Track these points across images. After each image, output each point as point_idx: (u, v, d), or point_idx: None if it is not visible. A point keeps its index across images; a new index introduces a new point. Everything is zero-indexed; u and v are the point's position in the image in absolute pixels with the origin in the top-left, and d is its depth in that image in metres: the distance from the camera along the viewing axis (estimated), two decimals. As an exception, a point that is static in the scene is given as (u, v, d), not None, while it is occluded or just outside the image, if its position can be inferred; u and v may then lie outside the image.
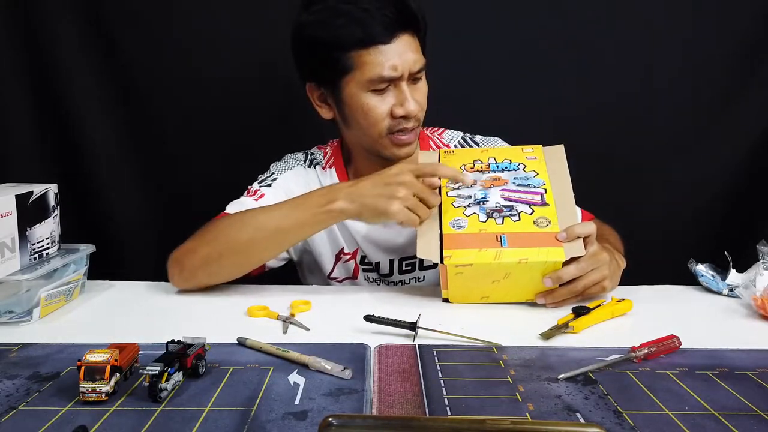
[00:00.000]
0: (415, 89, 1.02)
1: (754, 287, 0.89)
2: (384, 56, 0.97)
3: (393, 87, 1.01)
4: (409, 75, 1.00)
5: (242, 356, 0.73)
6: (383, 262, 1.15)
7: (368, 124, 1.02)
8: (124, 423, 0.58)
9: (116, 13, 1.36)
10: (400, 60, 0.97)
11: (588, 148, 1.39)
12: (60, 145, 1.40)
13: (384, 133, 1.03)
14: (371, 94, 1.00)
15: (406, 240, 1.11)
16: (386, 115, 1.01)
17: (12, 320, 0.85)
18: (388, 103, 1.01)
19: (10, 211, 0.87)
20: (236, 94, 1.40)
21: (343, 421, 0.48)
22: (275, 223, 0.95)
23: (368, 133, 1.04)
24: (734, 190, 1.44)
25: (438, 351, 0.74)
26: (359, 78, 0.99)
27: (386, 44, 0.97)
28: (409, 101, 1.00)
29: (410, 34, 0.99)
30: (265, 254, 1.00)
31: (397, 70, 0.98)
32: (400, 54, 0.97)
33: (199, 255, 0.97)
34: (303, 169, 1.16)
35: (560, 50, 1.38)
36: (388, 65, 0.97)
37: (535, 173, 0.98)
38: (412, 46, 0.99)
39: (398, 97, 1.01)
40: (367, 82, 0.99)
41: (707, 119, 1.41)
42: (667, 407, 0.61)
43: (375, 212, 0.90)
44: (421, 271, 1.14)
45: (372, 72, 0.97)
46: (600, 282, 0.89)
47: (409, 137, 1.04)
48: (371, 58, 0.97)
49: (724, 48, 1.37)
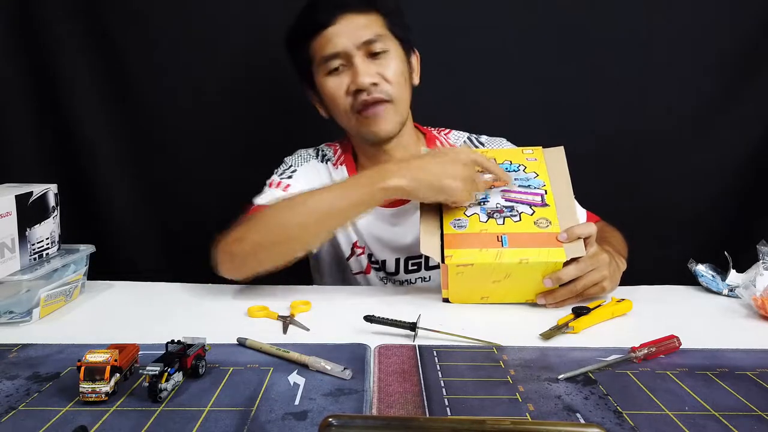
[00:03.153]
0: (376, 64, 1.04)
1: (754, 287, 0.89)
2: (325, 38, 1.03)
3: (348, 66, 1.04)
4: (363, 50, 1.03)
5: (242, 356, 0.73)
6: (389, 260, 1.16)
7: (335, 107, 1.07)
8: (124, 423, 0.58)
9: (116, 14, 1.35)
10: (339, 38, 1.02)
11: (587, 147, 1.39)
12: (60, 145, 1.40)
13: (350, 112, 1.06)
14: (329, 77, 1.06)
15: (413, 240, 1.12)
16: (344, 93, 1.05)
17: (12, 320, 0.85)
18: (345, 83, 1.05)
19: (10, 211, 0.87)
20: (237, 94, 1.40)
21: (343, 421, 0.48)
22: (327, 204, 0.93)
23: (340, 117, 1.08)
24: (734, 190, 1.44)
25: (438, 351, 0.74)
26: (316, 65, 1.06)
27: (328, 27, 1.03)
28: (359, 75, 1.02)
29: (356, 13, 1.03)
30: (315, 239, 1.00)
31: (336, 47, 1.02)
32: (341, 33, 1.02)
33: (248, 242, 0.95)
34: (317, 164, 1.17)
35: (560, 49, 1.38)
36: (328, 45, 1.03)
37: (536, 174, 0.98)
38: (358, 24, 1.03)
39: (353, 74, 1.04)
40: (320, 66, 1.05)
41: (707, 119, 1.41)
42: (667, 407, 0.61)
43: (434, 189, 0.90)
44: (427, 271, 1.15)
45: (318, 55, 1.04)
46: (600, 282, 0.90)
47: (375, 110, 1.04)
48: (317, 43, 1.04)
49: (725, 48, 1.37)
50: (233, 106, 1.41)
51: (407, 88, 1.09)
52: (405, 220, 1.13)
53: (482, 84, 1.39)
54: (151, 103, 1.40)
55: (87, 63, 1.37)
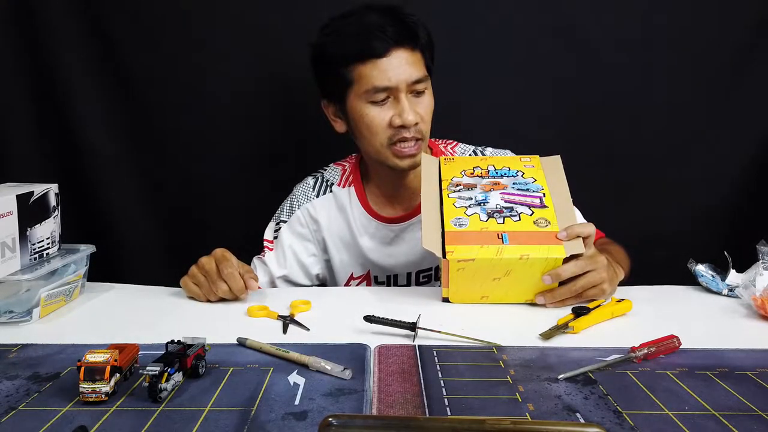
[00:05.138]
0: (416, 102, 1.07)
1: (754, 287, 0.89)
2: (378, 69, 1.03)
3: (393, 99, 1.06)
4: (408, 88, 1.05)
5: (242, 356, 0.73)
6: (401, 275, 1.19)
7: (370, 134, 1.08)
8: (124, 423, 0.58)
9: (116, 13, 1.35)
10: (393, 72, 1.03)
11: (587, 149, 1.39)
12: (60, 145, 1.40)
13: (385, 144, 1.08)
14: (371, 105, 1.06)
15: (421, 255, 1.14)
16: (386, 125, 1.06)
17: (12, 320, 0.85)
18: (387, 114, 1.06)
19: (11, 211, 0.87)
20: (237, 94, 1.40)
21: (343, 421, 0.48)
22: None
23: (372, 143, 1.09)
24: (734, 190, 1.43)
25: (438, 351, 0.74)
26: (358, 90, 1.06)
27: (381, 58, 1.03)
28: (406, 111, 1.04)
29: (407, 49, 1.05)
30: None
31: (390, 81, 1.03)
32: (394, 67, 1.03)
33: None
34: (314, 202, 1.19)
35: (560, 51, 1.37)
36: (382, 77, 1.03)
37: (534, 179, 1.00)
38: (408, 60, 1.05)
39: (396, 108, 1.05)
40: (365, 94, 1.05)
41: (706, 120, 1.41)
42: (667, 407, 0.61)
43: None
44: (437, 282, 1.16)
45: (368, 83, 1.04)
46: (599, 284, 0.90)
47: (410, 149, 1.08)
48: (367, 71, 1.04)
49: (725, 47, 1.37)
50: (233, 106, 1.41)
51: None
52: (411, 236, 1.16)
53: (482, 84, 1.39)
54: (151, 103, 1.40)
55: (87, 63, 1.36)
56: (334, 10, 1.10)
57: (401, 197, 1.17)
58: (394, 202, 1.18)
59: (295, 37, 1.29)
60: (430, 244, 0.91)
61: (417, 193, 1.00)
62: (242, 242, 1.16)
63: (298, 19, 1.33)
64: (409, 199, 1.16)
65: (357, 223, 1.17)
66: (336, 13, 1.09)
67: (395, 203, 1.18)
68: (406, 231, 1.16)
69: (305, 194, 1.20)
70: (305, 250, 1.19)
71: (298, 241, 1.18)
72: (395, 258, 1.17)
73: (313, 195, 1.19)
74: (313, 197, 1.19)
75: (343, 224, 1.18)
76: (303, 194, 1.20)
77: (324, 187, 1.20)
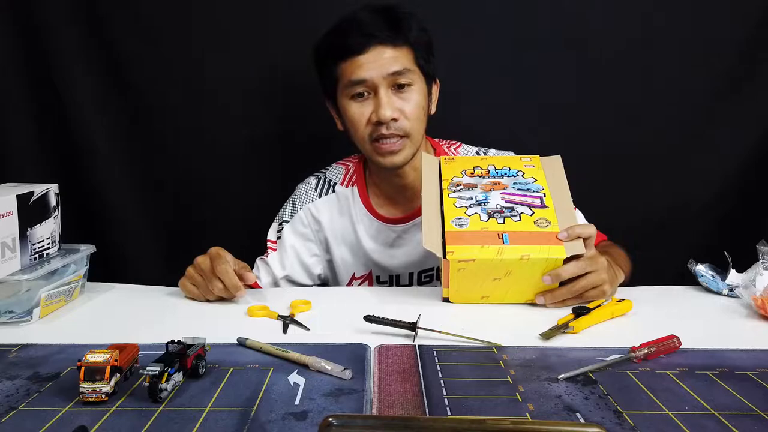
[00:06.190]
0: (398, 98, 1.06)
1: (754, 287, 0.89)
2: (355, 65, 1.05)
3: (373, 95, 1.06)
4: (388, 82, 1.05)
5: (242, 356, 0.73)
6: (403, 275, 1.19)
7: (354, 130, 1.09)
8: (124, 423, 0.58)
9: (116, 14, 1.35)
10: (369, 66, 1.04)
11: (588, 147, 1.39)
12: (60, 145, 1.40)
13: (367, 140, 1.08)
14: (352, 101, 1.08)
15: (423, 255, 1.14)
16: (365, 121, 1.07)
17: (12, 320, 0.85)
18: (367, 110, 1.07)
19: (11, 211, 0.87)
20: (237, 94, 1.40)
21: (343, 421, 0.48)
22: None
23: (356, 139, 1.10)
24: (734, 190, 1.43)
25: (438, 351, 0.74)
26: (341, 87, 1.08)
27: (360, 54, 1.04)
28: (382, 107, 1.05)
29: (388, 46, 1.05)
30: None
31: (364, 75, 1.04)
32: (370, 62, 1.04)
33: None
34: (316, 202, 1.19)
35: (560, 50, 1.37)
36: (358, 72, 1.05)
37: (534, 179, 1.00)
38: (387, 55, 1.05)
39: (376, 104, 1.05)
40: (345, 89, 1.07)
41: (706, 119, 1.41)
42: (667, 407, 0.61)
43: None
44: (439, 282, 1.16)
45: (345, 79, 1.06)
46: (600, 286, 0.90)
47: (389, 146, 1.07)
48: (347, 67, 1.06)
49: (725, 47, 1.37)
50: (233, 106, 1.41)
51: (424, 121, 1.11)
52: (413, 237, 1.16)
53: (483, 84, 1.39)
54: (151, 103, 1.40)
55: (88, 63, 1.36)
56: (334, 10, 1.10)
57: (403, 197, 1.17)
58: (396, 202, 1.18)
59: (296, 36, 1.29)
60: (430, 244, 0.91)
61: (419, 193, 1.01)
62: (242, 242, 1.16)
63: (299, 19, 1.33)
64: (411, 199, 1.16)
65: (359, 224, 1.17)
66: (335, 13, 1.09)
67: (397, 204, 1.18)
68: (409, 232, 1.16)
69: (307, 194, 1.20)
70: (307, 250, 1.19)
71: (300, 241, 1.18)
72: (397, 258, 1.17)
73: (315, 195, 1.19)
74: (315, 197, 1.19)
75: (345, 224, 1.18)
76: (305, 194, 1.20)
77: (326, 187, 1.20)
